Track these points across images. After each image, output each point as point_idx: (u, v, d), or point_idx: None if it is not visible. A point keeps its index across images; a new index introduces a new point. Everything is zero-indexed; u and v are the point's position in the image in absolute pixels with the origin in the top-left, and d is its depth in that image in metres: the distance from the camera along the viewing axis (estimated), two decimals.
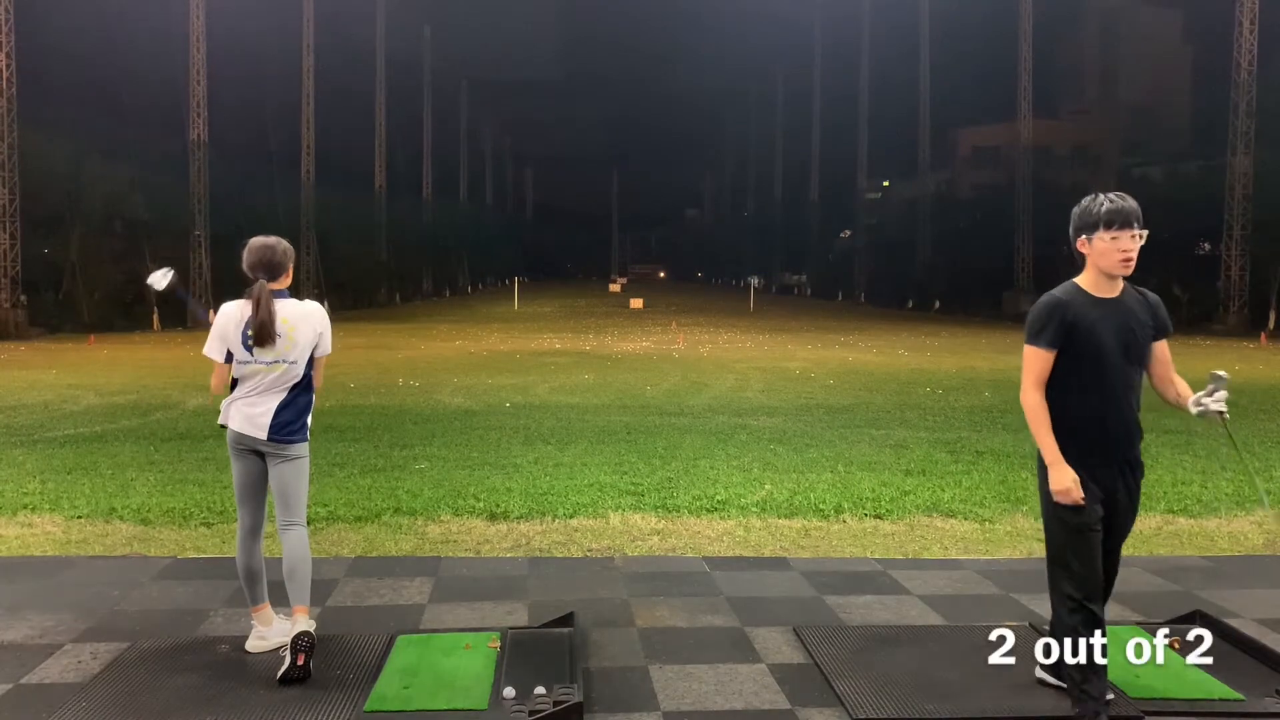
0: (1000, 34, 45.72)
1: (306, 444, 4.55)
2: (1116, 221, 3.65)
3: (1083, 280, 3.80)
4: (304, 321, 4.45)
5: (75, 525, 6.89)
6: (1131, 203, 3.70)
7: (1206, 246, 40.61)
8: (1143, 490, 3.92)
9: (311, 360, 4.52)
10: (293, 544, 4.49)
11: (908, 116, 53.72)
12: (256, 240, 4.51)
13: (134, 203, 36.70)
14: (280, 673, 4.22)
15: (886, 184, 65.89)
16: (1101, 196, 3.74)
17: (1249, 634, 4.73)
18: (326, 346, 4.55)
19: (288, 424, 4.46)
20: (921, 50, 53.10)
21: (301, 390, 4.51)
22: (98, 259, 34.91)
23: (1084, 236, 3.73)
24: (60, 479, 8.31)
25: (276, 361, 4.41)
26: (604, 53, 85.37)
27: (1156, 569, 6.05)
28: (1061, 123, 55.16)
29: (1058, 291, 3.82)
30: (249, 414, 4.45)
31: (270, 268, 4.45)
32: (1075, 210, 3.78)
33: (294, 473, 4.51)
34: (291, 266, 4.56)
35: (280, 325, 4.37)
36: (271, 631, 4.62)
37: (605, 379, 16.91)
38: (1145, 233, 3.69)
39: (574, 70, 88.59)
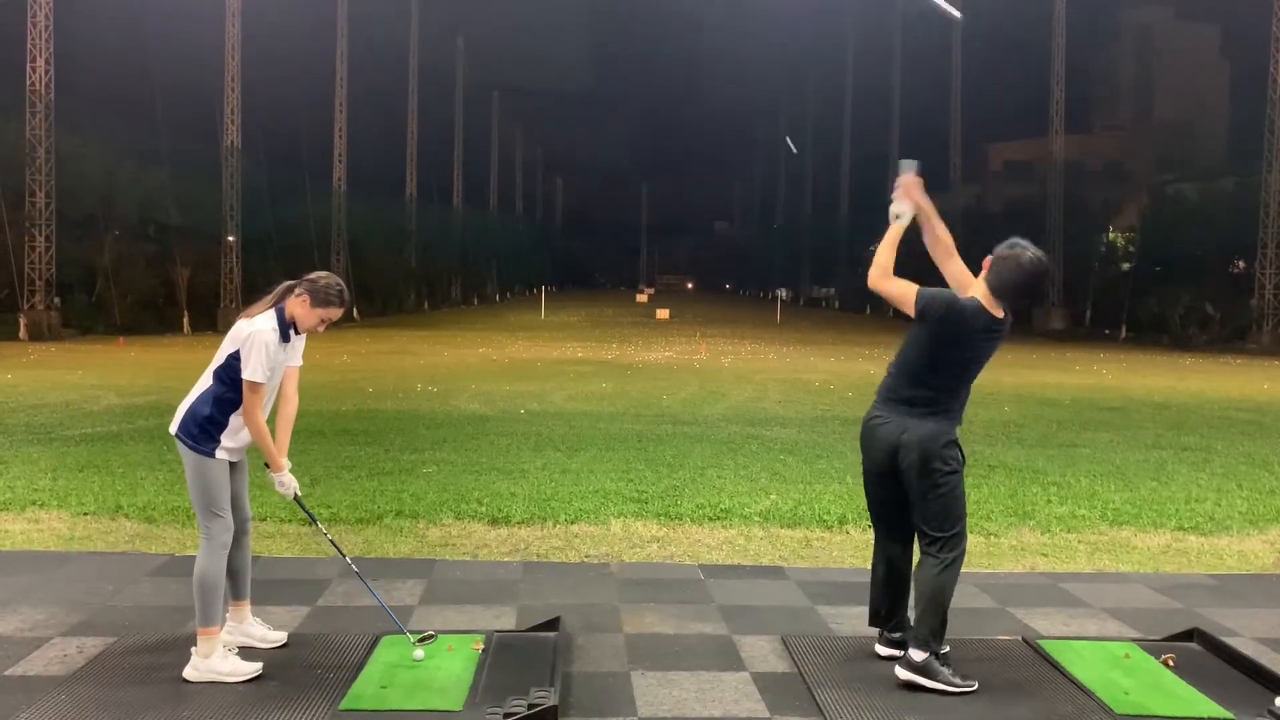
0: (1033, 48, 45.44)
1: (195, 453, 4.23)
2: None
3: None
4: (238, 327, 4.30)
5: (81, 522, 6.95)
6: None
7: (1241, 265, 39.95)
8: (1152, 508, 2.04)
9: (230, 366, 4.24)
10: None
11: (939, 130, 53.40)
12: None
13: (167, 208, 37.25)
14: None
15: None
16: None
17: (1246, 653, 4.62)
18: (247, 369, 4.17)
19: (182, 418, 4.29)
20: (953, 63, 52.82)
21: (213, 388, 4.27)
22: (130, 262, 35.46)
23: None
24: (71, 476, 8.39)
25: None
26: (635, 65, 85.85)
27: (1159, 586, 5.94)
28: (1094, 137, 54.70)
29: None
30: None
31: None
32: None
33: (187, 473, 4.32)
34: (279, 294, 4.38)
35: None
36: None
37: (623, 387, 16.88)
38: None
39: (605, 81, 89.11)
